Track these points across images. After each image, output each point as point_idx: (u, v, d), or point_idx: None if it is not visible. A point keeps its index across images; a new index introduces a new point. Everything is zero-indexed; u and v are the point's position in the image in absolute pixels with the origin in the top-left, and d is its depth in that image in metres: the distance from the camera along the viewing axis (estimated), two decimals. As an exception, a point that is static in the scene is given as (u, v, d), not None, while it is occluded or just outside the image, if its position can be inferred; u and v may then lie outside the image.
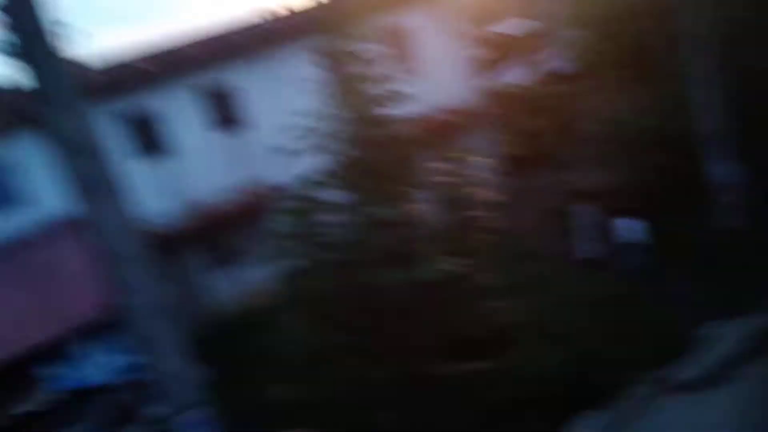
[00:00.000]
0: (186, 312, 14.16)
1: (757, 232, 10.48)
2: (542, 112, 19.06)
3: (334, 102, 9.84)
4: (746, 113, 10.71)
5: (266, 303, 9.97)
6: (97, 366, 13.15)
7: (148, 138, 14.97)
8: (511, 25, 23.56)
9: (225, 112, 15.64)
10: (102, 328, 12.44)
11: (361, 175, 9.55)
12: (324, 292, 9.08)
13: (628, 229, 11.27)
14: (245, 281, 14.86)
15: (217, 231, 15.38)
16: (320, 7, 16.87)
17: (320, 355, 9.00)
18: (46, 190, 13.49)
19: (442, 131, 15.93)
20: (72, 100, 5.30)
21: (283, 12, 18.83)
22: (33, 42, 5.16)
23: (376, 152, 9.55)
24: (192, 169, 15.23)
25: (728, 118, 10.72)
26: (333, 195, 9.94)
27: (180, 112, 15.08)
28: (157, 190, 14.84)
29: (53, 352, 12.57)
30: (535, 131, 17.62)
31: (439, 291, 8.75)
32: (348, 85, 9.89)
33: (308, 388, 8.76)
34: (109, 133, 14.27)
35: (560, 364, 8.35)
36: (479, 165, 10.99)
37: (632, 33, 13.74)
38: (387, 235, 8.86)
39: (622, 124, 13.13)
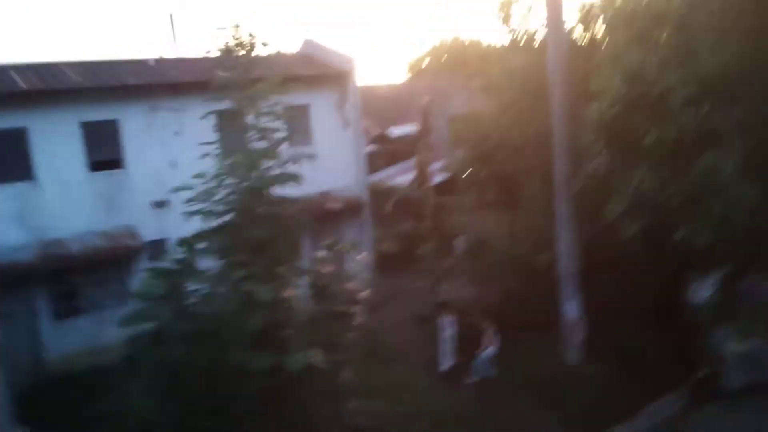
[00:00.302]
0: (18, 361, 12.53)
1: (592, 369, 11.50)
2: (421, 216, 20.11)
3: (226, 167, 9.67)
4: (594, 257, 12.03)
5: (115, 364, 9.08)
6: None
7: (9, 159, 13.57)
8: (405, 129, 25.01)
9: (104, 151, 14.68)
10: None
11: (242, 248, 9.32)
12: (178, 365, 8.47)
13: (485, 347, 11.88)
14: (97, 336, 13.48)
15: (72, 276, 13.99)
16: (228, 66, 16.87)
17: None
18: None
19: (325, 217, 16.20)
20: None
21: (187, 60, 18.57)
22: None
23: (260, 228, 9.41)
24: (55, 204, 13.91)
25: (580, 259, 11.94)
26: (209, 263, 9.58)
27: (52, 139, 13.90)
28: (10, 220, 13.42)
29: None
30: (411, 234, 18.41)
31: (300, 383, 8.51)
32: (242, 153, 9.82)
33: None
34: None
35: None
36: (355, 259, 11.20)
37: (508, 159, 15.04)
38: (259, 315, 8.57)
39: (493, 246, 14.17)
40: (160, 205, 14.91)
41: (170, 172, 14.87)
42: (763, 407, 10.24)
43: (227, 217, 9.57)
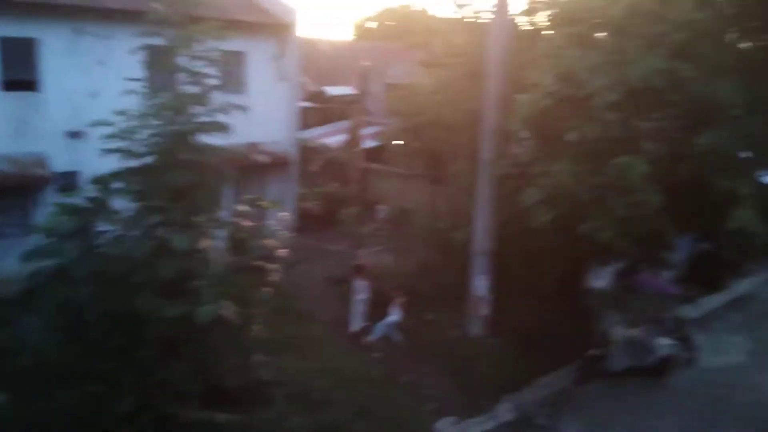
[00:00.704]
0: None
1: (493, 342, 12.20)
2: (347, 179, 20.16)
3: (151, 108, 9.29)
4: (508, 239, 12.61)
5: (13, 296, 8.70)
6: None
7: None
8: (342, 90, 24.75)
9: (19, 71, 13.68)
10: None
11: (160, 193, 9.05)
12: (81, 305, 8.23)
13: (394, 311, 12.28)
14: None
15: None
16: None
17: (57, 371, 8.06)
18: None
19: (250, 170, 15.93)
20: None
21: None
22: None
23: (181, 174, 9.15)
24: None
25: (495, 240, 12.48)
26: (123, 205, 9.26)
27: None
28: None
29: None
30: (336, 195, 18.49)
31: (209, 333, 8.50)
32: (171, 95, 9.46)
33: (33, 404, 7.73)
34: None
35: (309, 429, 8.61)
36: (276, 215, 11.16)
37: (438, 136, 15.31)
38: (172, 263, 8.42)
39: (414, 217, 14.50)
40: (75, 135, 14.15)
41: (90, 102, 14.12)
42: (639, 388, 11.50)
43: (147, 159, 9.26)
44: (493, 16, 12.43)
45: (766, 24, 10.52)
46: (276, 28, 17.22)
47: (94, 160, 9.88)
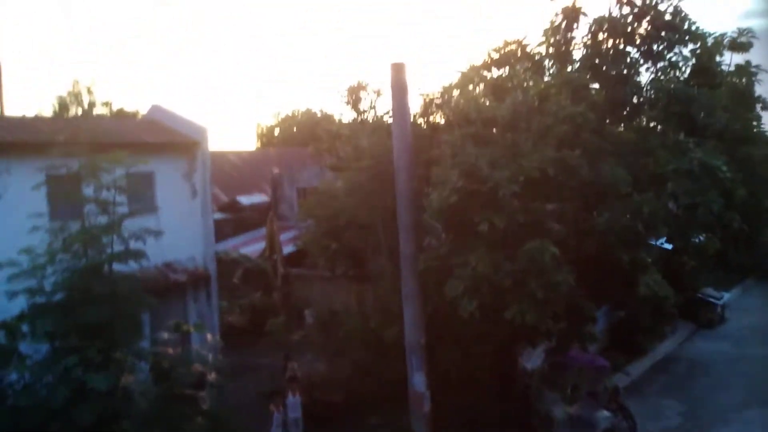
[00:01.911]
0: None
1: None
2: (270, 287, 19.88)
3: (59, 244, 8.94)
4: (438, 330, 12.75)
5: None
6: None
7: None
8: (254, 198, 24.89)
9: None
10: None
11: (74, 331, 8.55)
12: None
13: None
14: None
15: None
16: (64, 128, 15.82)
17: None
18: None
19: (168, 290, 15.38)
20: None
21: (15, 119, 17.09)
22: None
23: (96, 309, 8.73)
24: None
25: (425, 332, 12.58)
26: (34, 348, 8.64)
27: None
28: None
29: None
30: (260, 305, 18.11)
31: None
32: (80, 229, 9.17)
33: None
34: None
35: None
36: (199, 337, 10.77)
37: (357, 236, 15.58)
38: (92, 407, 7.85)
39: (343, 318, 14.40)
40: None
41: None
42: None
43: (58, 297, 8.80)
44: (392, 120, 13.18)
45: (634, 110, 11.87)
46: (185, 146, 17.30)
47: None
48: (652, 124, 12.78)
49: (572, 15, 11.28)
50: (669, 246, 14.75)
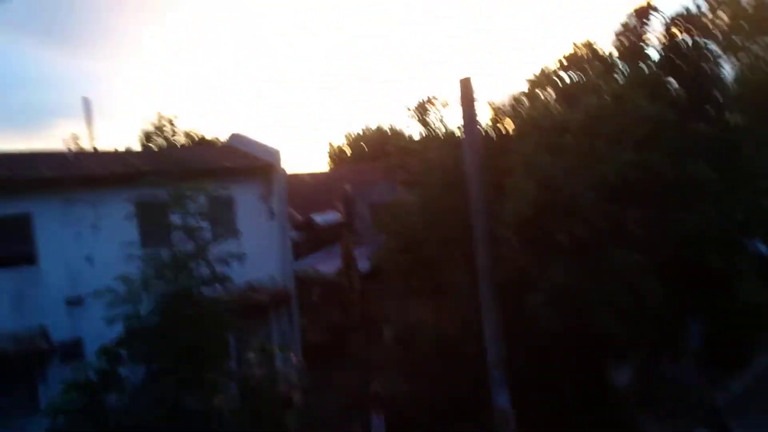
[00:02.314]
0: None
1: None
2: (348, 304, 20.11)
3: (152, 271, 9.45)
4: (519, 344, 12.45)
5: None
6: None
7: None
8: (329, 216, 25.34)
9: (15, 247, 13.92)
10: None
11: (168, 353, 9.00)
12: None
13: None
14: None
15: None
16: (150, 159, 16.79)
17: None
18: None
19: (251, 311, 15.89)
20: None
21: (105, 153, 18.27)
22: None
23: (188, 332, 9.16)
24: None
25: (506, 347, 12.31)
26: (130, 371, 9.15)
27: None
28: None
29: None
30: (339, 323, 18.34)
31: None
32: (169, 256, 9.67)
33: None
34: None
35: None
36: (283, 357, 11.02)
37: (432, 250, 15.52)
38: (187, 426, 8.21)
39: (421, 333, 14.35)
40: (74, 302, 14.16)
41: (86, 267, 14.27)
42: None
43: (151, 322, 9.28)
44: (463, 132, 13.11)
45: (717, 107, 11.26)
46: (261, 170, 17.91)
47: (95, 325, 9.89)
48: (738, 120, 12.09)
49: (645, 13, 10.89)
50: (765, 249, 13.81)
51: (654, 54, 11.42)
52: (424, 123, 15.80)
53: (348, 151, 35.46)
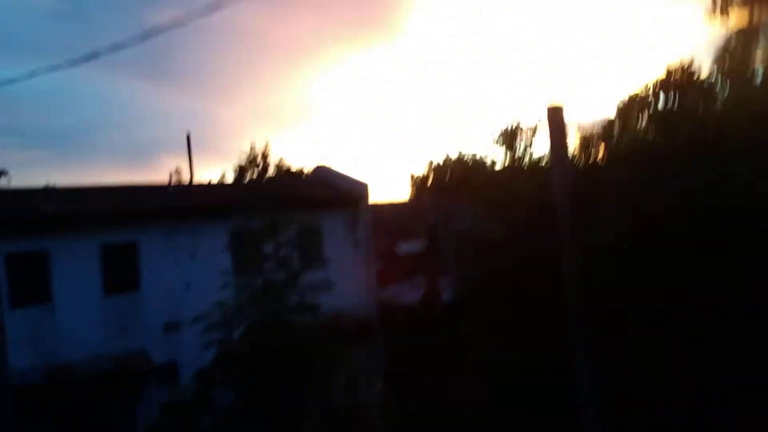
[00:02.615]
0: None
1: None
2: (431, 334, 19.95)
3: (246, 298, 9.83)
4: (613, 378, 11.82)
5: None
6: None
7: (29, 283, 13.75)
8: (412, 245, 25.40)
9: (121, 273, 14.92)
10: None
11: (262, 378, 9.28)
12: None
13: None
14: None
15: (80, 400, 13.69)
16: (244, 191, 17.59)
17: None
18: None
19: (336, 338, 16.12)
20: None
21: (203, 185, 19.32)
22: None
23: (280, 357, 9.41)
24: (69, 327, 13.89)
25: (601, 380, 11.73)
26: (223, 395, 9.48)
27: (71, 262, 14.16)
28: (24, 344, 13.35)
29: None
30: (422, 352, 18.18)
31: None
32: (263, 284, 10.02)
33: None
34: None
35: None
36: (367, 384, 11.04)
37: (518, 281, 15.16)
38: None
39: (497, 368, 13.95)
40: (172, 327, 14.94)
41: (184, 293, 15.06)
42: None
43: (244, 346, 9.62)
44: (550, 161, 12.84)
45: None
46: (348, 202, 18.35)
47: (189, 349, 10.35)
48: None
49: (750, 33, 10.33)
50: None
51: (760, 74, 10.78)
52: (510, 151, 15.66)
53: (430, 180, 35.62)
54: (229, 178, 24.84)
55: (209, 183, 18.23)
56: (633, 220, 9.25)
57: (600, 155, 14.04)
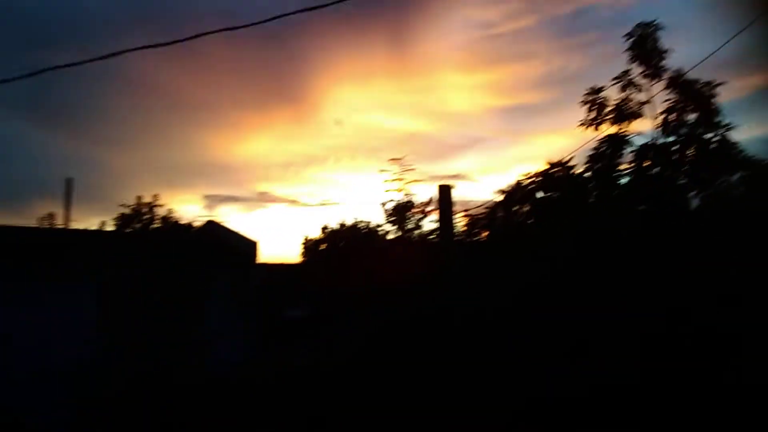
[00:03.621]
0: None
1: None
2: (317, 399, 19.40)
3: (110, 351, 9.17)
4: None
5: None
6: None
7: None
8: (300, 309, 25.01)
9: None
10: None
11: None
12: None
13: None
14: None
15: None
16: (123, 241, 16.59)
17: None
18: None
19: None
20: None
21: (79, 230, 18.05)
22: None
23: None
24: None
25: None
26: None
27: None
28: None
29: None
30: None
31: None
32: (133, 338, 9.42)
33: None
34: None
35: None
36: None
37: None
38: None
39: None
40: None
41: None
42: None
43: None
44: (439, 239, 13.41)
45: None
46: (237, 259, 17.96)
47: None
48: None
49: (618, 143, 11.62)
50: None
51: (623, 180, 12.07)
52: (401, 226, 16.16)
53: (323, 245, 35.51)
54: (110, 228, 23.47)
55: (84, 229, 17.07)
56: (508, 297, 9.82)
57: (484, 234, 14.89)
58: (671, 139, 11.21)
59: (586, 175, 13.28)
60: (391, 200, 16.64)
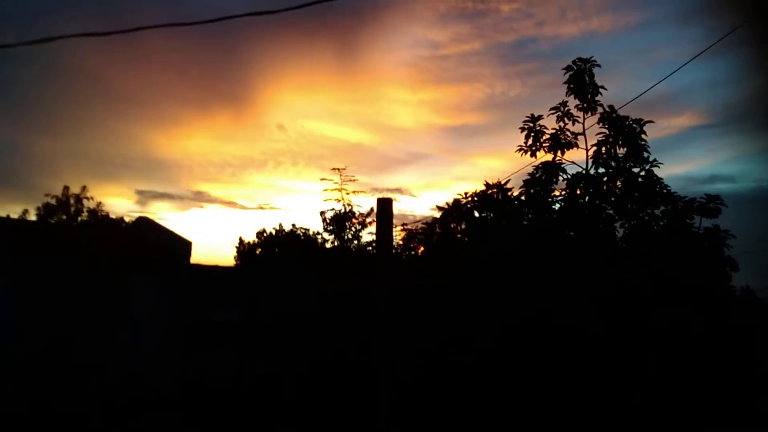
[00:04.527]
0: None
1: None
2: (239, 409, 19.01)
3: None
4: None
5: None
6: None
7: None
8: (231, 313, 24.53)
9: None
10: None
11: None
12: None
13: None
14: None
15: None
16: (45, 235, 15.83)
17: None
18: None
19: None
20: None
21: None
22: None
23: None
24: None
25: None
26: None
27: None
28: None
29: None
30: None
31: None
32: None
33: None
34: None
35: None
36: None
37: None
38: None
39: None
40: None
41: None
42: None
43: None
44: (376, 251, 13.52)
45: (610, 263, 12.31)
46: (168, 258, 17.44)
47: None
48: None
49: (553, 170, 12.05)
50: None
51: (557, 206, 12.54)
52: (339, 236, 16.20)
53: (258, 249, 34.99)
54: (32, 219, 22.26)
55: (2, 218, 16.18)
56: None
57: (420, 250, 15.11)
58: (602, 170, 11.71)
59: (522, 198, 13.71)
60: (332, 209, 16.66)
